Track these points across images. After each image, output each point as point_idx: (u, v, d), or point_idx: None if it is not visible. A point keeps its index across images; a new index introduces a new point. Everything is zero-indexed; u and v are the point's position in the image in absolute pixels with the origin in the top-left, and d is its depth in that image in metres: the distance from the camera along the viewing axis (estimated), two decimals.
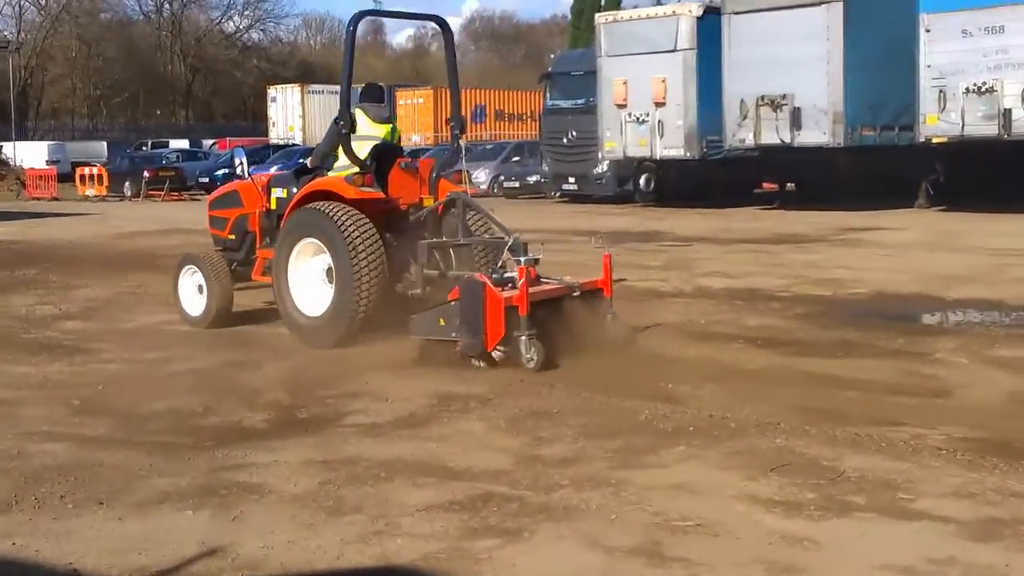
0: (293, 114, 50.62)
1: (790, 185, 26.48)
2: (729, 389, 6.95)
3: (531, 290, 7.60)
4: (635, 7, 40.09)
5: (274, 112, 51.98)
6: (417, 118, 48.69)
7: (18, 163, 43.75)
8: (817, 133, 21.95)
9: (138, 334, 9.38)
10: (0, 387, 7.40)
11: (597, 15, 28.13)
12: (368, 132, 9.12)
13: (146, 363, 8.15)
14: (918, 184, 22.76)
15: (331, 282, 8.62)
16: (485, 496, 4.93)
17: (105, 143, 52.87)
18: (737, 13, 22.72)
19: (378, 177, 9.01)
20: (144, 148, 50.42)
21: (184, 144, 51.13)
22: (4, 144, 47.35)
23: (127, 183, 35.52)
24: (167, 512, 4.81)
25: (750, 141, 22.90)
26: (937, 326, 9.68)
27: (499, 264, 8.31)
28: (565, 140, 27.61)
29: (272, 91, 53.21)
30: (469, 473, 5.30)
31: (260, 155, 40.03)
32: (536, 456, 5.56)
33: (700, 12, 24.23)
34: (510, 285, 7.70)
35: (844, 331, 9.03)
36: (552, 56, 38.45)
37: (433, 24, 10.46)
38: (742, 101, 22.63)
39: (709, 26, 23.66)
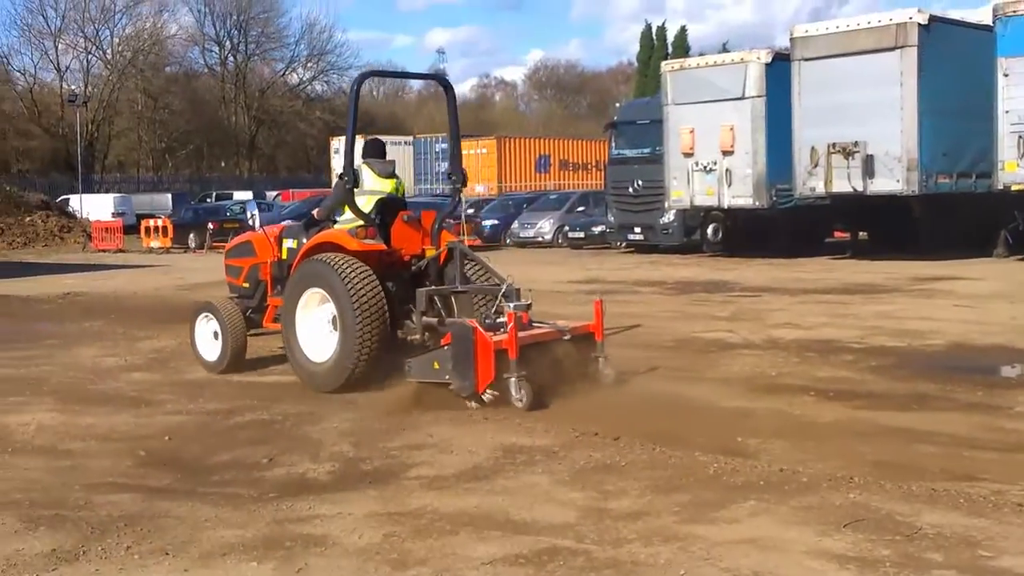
0: (356, 165, 51.20)
1: (862, 234, 26.16)
2: (800, 442, 6.81)
3: (521, 334, 7.96)
4: (701, 55, 40.25)
5: (337, 163, 52.64)
6: (480, 168, 48.96)
7: (84, 215, 44.63)
8: (891, 181, 21.63)
9: (202, 385, 9.43)
10: (67, 438, 7.46)
11: (663, 63, 28.10)
12: (374, 187, 9.61)
13: (210, 414, 8.18)
14: (996, 233, 22.32)
15: (336, 330, 8.93)
16: (551, 550, 4.84)
17: (170, 195, 53.84)
18: (807, 59, 22.57)
19: (382, 229, 9.43)
20: (208, 200, 51.22)
21: (248, 196, 51.91)
22: (71, 197, 48.38)
23: (191, 235, 36.03)
24: (232, 563, 4.79)
25: (821, 189, 22.63)
26: (1017, 379, 9.43)
27: (494, 310, 8.59)
28: (631, 189, 27.55)
29: (335, 142, 53.92)
30: (535, 526, 5.21)
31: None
32: (602, 510, 5.47)
33: (769, 59, 24.14)
34: (501, 330, 8.06)
35: (920, 383, 8.82)
36: (617, 105, 38.51)
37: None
38: (813, 148, 22.41)
39: (778, 73, 23.54)
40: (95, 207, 46.82)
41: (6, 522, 5.45)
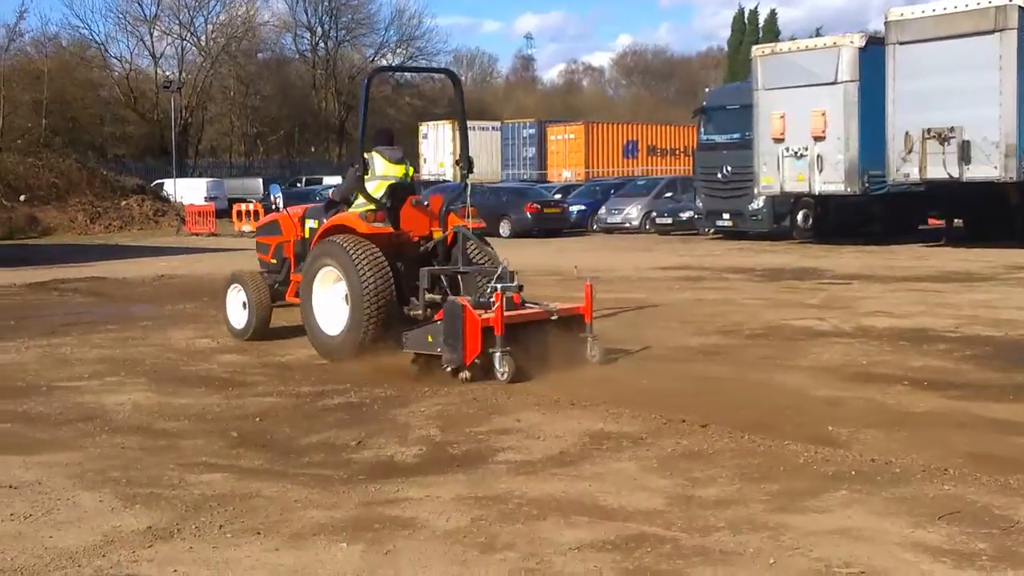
0: (444, 150, 51.47)
1: (957, 221, 25.57)
2: (893, 432, 6.68)
3: (510, 313, 8.64)
4: (792, 39, 39.62)
5: (425, 148, 52.96)
6: (568, 153, 48.93)
7: (178, 199, 45.49)
8: (987, 167, 21.10)
9: (293, 368, 9.57)
10: (162, 418, 7.61)
11: (754, 47, 27.72)
12: (385, 172, 10.32)
13: (300, 396, 8.28)
14: None
15: (347, 304, 9.67)
16: (639, 537, 4.82)
17: (261, 179, 54.63)
18: (903, 43, 22.11)
19: (392, 212, 10.13)
20: (298, 184, 51.82)
21: (337, 180, 52.38)
22: (165, 181, 49.34)
23: None
24: (322, 544, 4.84)
25: (915, 176, 22.18)
26: None
27: (488, 290, 9.05)
28: (720, 175, 27.28)
29: (424, 128, 54.26)
30: (622, 513, 5.19)
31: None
32: (690, 497, 5.43)
33: (862, 43, 23.67)
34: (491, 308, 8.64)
35: (1017, 374, 8.59)
36: (707, 90, 38.08)
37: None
38: (907, 134, 21.97)
39: (872, 57, 23.08)
40: (188, 191, 47.71)
41: (104, 499, 5.58)
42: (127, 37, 68.74)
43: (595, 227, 33.22)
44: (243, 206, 38.22)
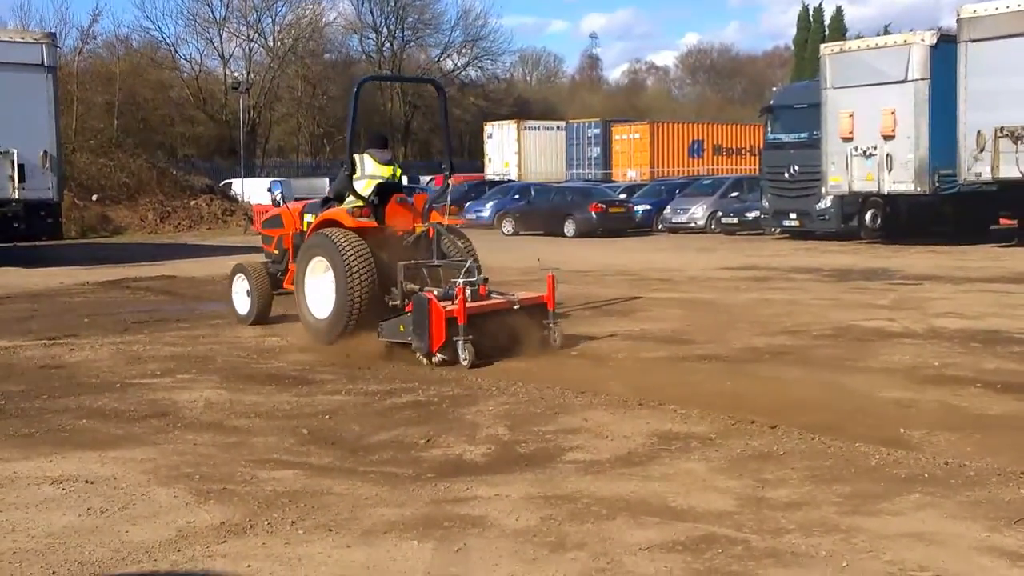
0: (509, 150, 51.53)
1: None
2: (966, 435, 6.58)
3: (473, 304, 9.46)
4: (859, 36, 39.11)
5: (491, 148, 53.04)
6: (633, 153, 48.73)
7: (246, 199, 45.97)
8: None
9: (361, 366, 9.59)
10: (233, 415, 7.70)
11: (823, 46, 27.39)
12: (374, 172, 11.22)
13: (368, 395, 8.34)
14: None
15: (334, 292, 10.50)
16: (709, 538, 4.79)
17: (327, 179, 55.03)
18: (975, 41, 21.69)
19: (379, 209, 11.04)
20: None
21: (403, 180, 52.68)
22: (233, 181, 49.91)
23: None
24: (392, 541, 4.88)
25: (987, 175, 21.77)
26: None
27: (456, 282, 9.77)
28: (787, 175, 27.00)
29: (489, 128, 54.34)
30: (692, 513, 5.17)
31: (477, 191, 40.82)
32: (761, 499, 5.38)
33: (933, 40, 23.28)
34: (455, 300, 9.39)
35: None
36: (774, 89, 37.74)
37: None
38: (979, 133, 21.56)
39: (943, 55, 22.69)
40: (256, 191, 48.21)
41: (178, 494, 5.67)
42: (196, 39, 69.72)
43: (660, 227, 33.04)
44: None
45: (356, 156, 11.22)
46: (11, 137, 21.16)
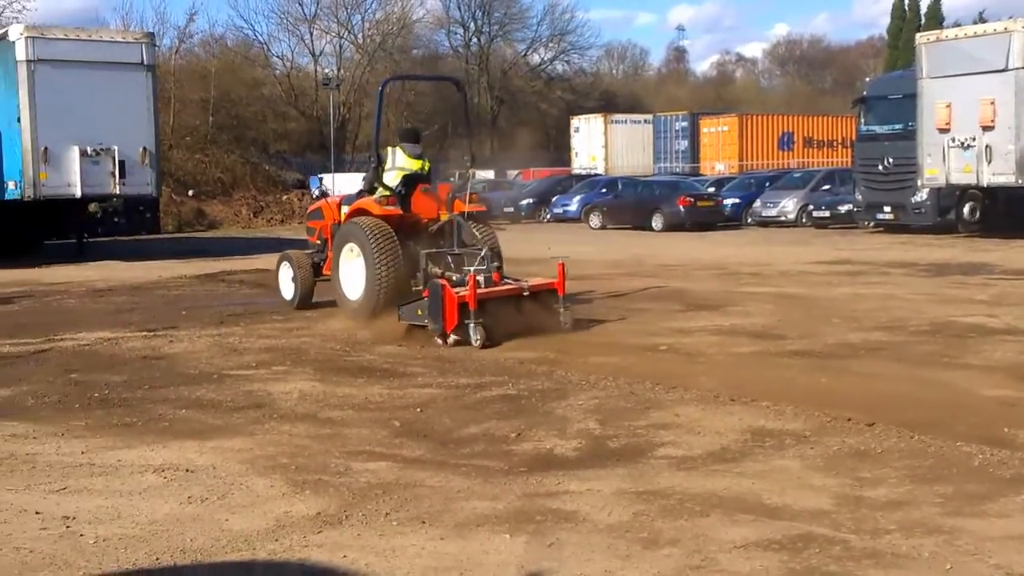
0: (596, 144, 51.38)
1: None
2: None
3: (484, 290, 10.33)
4: (956, 25, 38.19)
5: (577, 142, 52.95)
6: (721, 146, 48.26)
7: (336, 193, 46.41)
8: None
9: (452, 360, 9.66)
10: (327, 407, 7.80)
11: (918, 35, 26.78)
12: (404, 165, 12.26)
13: (459, 388, 8.37)
14: None
15: (365, 274, 11.49)
16: (806, 537, 4.72)
17: None
18: None
19: (405, 199, 11.95)
20: (452, 179, 52.31)
21: (490, 174, 52.84)
22: (324, 175, 50.50)
23: None
24: (485, 534, 4.90)
25: None
26: None
27: (474, 269, 10.64)
28: (881, 167, 26.49)
29: (575, 121, 54.25)
30: (788, 512, 5.10)
31: (563, 185, 40.77)
32: (859, 498, 5.29)
33: None
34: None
35: None
36: (867, 79, 37.02)
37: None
38: None
39: None
40: (346, 185, 48.67)
41: (275, 484, 5.76)
42: (288, 36, 70.60)
43: (749, 220, 32.67)
44: None
45: (389, 149, 12.45)
46: (113, 134, 21.69)
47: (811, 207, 30.79)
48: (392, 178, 12.11)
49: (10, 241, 24.70)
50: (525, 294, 10.74)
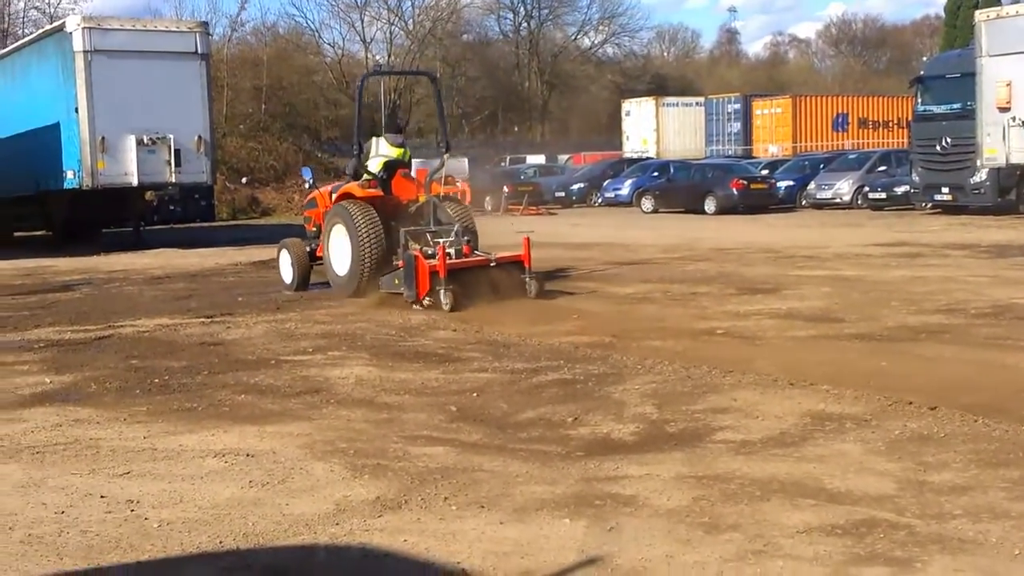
0: (647, 127, 51.06)
1: None
2: None
3: (453, 261, 11.79)
4: (1015, 1, 37.38)
5: (628, 126, 52.65)
6: (775, 128, 47.75)
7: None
8: None
9: (506, 345, 9.67)
10: (383, 392, 7.83)
11: (977, 12, 26.33)
12: (385, 152, 13.61)
13: (515, 372, 8.37)
14: None
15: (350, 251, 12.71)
16: (869, 522, 4.67)
17: (466, 159, 55.37)
18: None
19: (386, 183, 13.26)
20: (503, 164, 52.35)
21: (540, 159, 52.74)
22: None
23: (487, 198, 36.94)
24: (545, 519, 4.89)
25: None
26: None
27: (445, 244, 12.03)
28: (938, 148, 26.09)
29: (626, 105, 53.95)
30: (850, 496, 5.04)
31: (615, 169, 40.60)
32: (922, 482, 5.21)
33: None
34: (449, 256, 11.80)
35: None
36: (924, 59, 36.48)
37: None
38: None
39: None
40: None
41: (334, 469, 5.80)
42: (339, 23, 71.11)
43: (804, 203, 32.36)
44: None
45: (373, 138, 13.92)
46: (168, 123, 21.93)
47: (867, 189, 30.42)
48: (375, 165, 13.44)
49: (69, 229, 25.10)
50: (492, 264, 12.09)
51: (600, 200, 38.24)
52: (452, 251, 11.97)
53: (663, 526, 4.73)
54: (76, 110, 21.46)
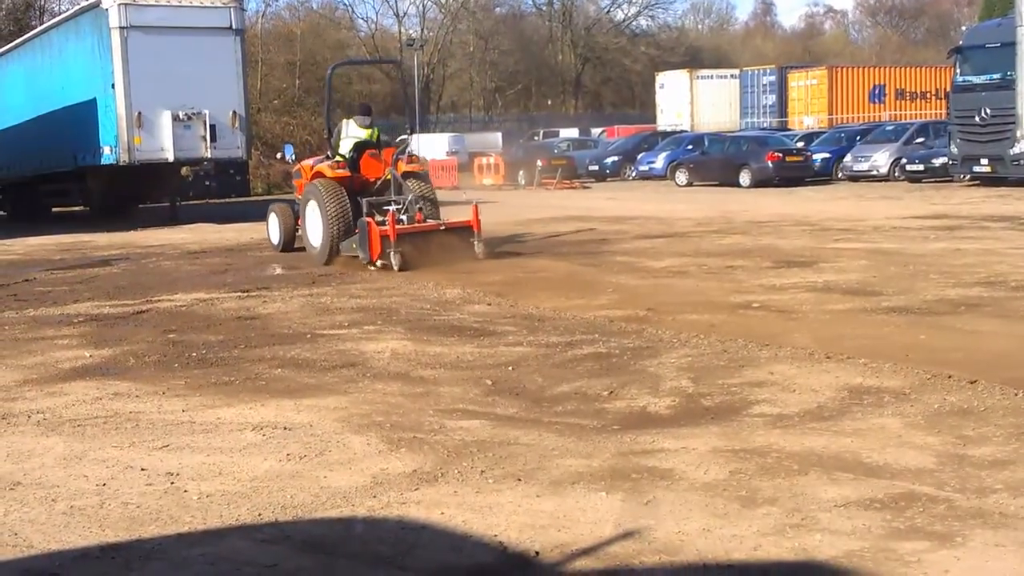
0: (681, 100, 50.72)
1: None
2: None
3: (405, 227, 13.39)
4: None
5: (662, 99, 52.31)
6: (810, 100, 47.27)
7: (421, 155, 46.62)
8: None
9: (541, 318, 9.66)
10: (419, 365, 7.84)
11: None
12: (355, 134, 15.09)
13: (549, 346, 8.35)
14: None
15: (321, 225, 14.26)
16: (908, 495, 4.64)
17: (500, 134, 55.25)
18: None
19: (355, 162, 14.69)
20: (536, 138, 52.21)
21: (574, 133, 52.52)
22: (409, 137, 50.67)
23: (521, 172, 36.89)
24: (581, 492, 4.90)
25: None
26: None
27: (403, 211, 13.83)
28: (978, 118, 25.75)
29: (660, 78, 53.57)
30: (888, 470, 5.01)
31: (649, 142, 40.38)
32: (963, 456, 5.17)
33: None
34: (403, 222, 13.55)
35: None
36: (963, 28, 35.95)
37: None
38: None
39: None
40: (431, 146, 48.89)
41: (371, 442, 5.82)
42: None
43: (840, 175, 32.08)
44: (484, 160, 38.85)
45: (344, 121, 15.45)
46: (203, 99, 21.99)
47: (904, 161, 30.10)
48: (346, 146, 14.91)
49: (106, 205, 25.29)
50: (442, 228, 13.62)
51: (634, 174, 38.06)
52: (404, 218, 13.61)
53: (700, 500, 4.72)
54: (112, 86, 21.57)
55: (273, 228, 16.29)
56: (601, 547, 4.21)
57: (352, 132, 15.11)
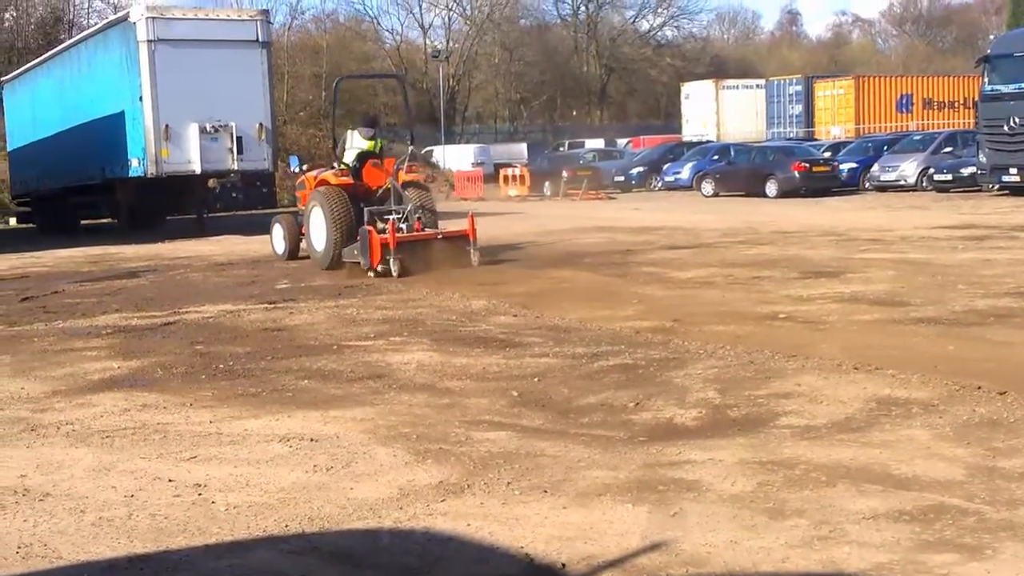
0: (707, 110, 50.68)
1: None
2: None
3: (404, 235, 14.01)
4: None
5: (687, 109, 52.28)
6: (837, 109, 47.15)
7: (447, 166, 46.78)
8: None
9: (567, 329, 9.64)
10: (445, 377, 7.85)
11: None
12: (359, 145, 15.79)
13: (575, 357, 8.33)
14: None
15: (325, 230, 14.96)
16: (937, 508, 4.60)
17: (525, 145, 55.33)
18: None
19: (357, 171, 15.38)
20: (562, 148, 52.23)
21: (599, 144, 52.52)
22: (434, 148, 50.83)
23: (547, 183, 36.89)
24: (608, 503, 4.88)
25: None
26: None
27: (403, 220, 14.39)
28: (1006, 127, 25.58)
29: (685, 88, 53.55)
30: (917, 483, 4.97)
31: (674, 153, 40.33)
32: (992, 468, 5.13)
33: None
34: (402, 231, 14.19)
35: None
36: (991, 37, 35.78)
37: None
38: None
39: None
40: (456, 157, 49.02)
41: (397, 454, 5.83)
42: (398, 10, 71.33)
43: (867, 185, 31.94)
44: (509, 171, 38.89)
45: (348, 132, 16.12)
46: (230, 111, 22.17)
47: (932, 170, 29.94)
48: (350, 156, 15.60)
49: (134, 217, 25.49)
50: (439, 237, 14.36)
51: (660, 184, 38.03)
52: (403, 227, 14.20)
53: (727, 511, 4.70)
54: (140, 99, 21.77)
55: (278, 238, 17.12)
56: (628, 559, 4.20)
57: (356, 143, 15.80)
